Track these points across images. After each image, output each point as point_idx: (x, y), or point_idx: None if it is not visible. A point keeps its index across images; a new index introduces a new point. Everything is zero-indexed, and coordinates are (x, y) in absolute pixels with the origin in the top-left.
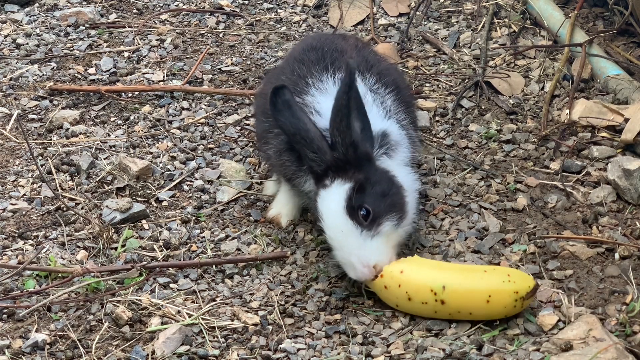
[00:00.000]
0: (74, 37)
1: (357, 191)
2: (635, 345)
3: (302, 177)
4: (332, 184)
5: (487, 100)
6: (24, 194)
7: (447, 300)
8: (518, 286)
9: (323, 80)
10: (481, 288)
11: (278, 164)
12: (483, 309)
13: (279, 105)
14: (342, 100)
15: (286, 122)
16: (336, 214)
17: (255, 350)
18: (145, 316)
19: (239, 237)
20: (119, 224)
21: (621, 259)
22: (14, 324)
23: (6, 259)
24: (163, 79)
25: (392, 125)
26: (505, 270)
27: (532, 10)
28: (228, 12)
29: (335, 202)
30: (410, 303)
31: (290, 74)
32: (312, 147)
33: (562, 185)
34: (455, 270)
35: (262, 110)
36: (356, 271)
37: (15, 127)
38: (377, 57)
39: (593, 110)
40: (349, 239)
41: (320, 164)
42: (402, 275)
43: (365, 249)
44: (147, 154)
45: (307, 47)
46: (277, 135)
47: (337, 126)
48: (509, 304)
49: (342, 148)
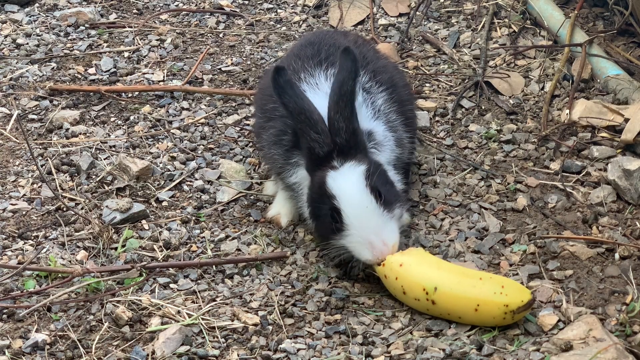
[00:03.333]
0: (74, 37)
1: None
2: (635, 345)
3: (289, 170)
4: (344, 166)
5: (487, 100)
6: (24, 194)
7: (437, 302)
8: (509, 299)
9: (315, 75)
10: (470, 296)
11: (268, 157)
12: (471, 315)
13: (282, 84)
14: (346, 86)
15: (290, 101)
16: (360, 193)
17: (255, 351)
18: (145, 316)
19: (239, 237)
20: (119, 224)
21: (621, 259)
22: (14, 324)
23: (6, 259)
24: (163, 79)
25: (379, 126)
26: (501, 281)
27: (532, 10)
28: (228, 12)
29: (354, 181)
30: (404, 296)
31: (287, 68)
32: (316, 128)
33: (562, 186)
34: (452, 272)
35: (259, 106)
36: (374, 249)
37: (15, 127)
38: (376, 54)
39: (593, 110)
40: (373, 217)
41: (323, 145)
42: (400, 268)
43: (386, 228)
44: (147, 154)
45: (306, 42)
46: (268, 129)
47: (340, 111)
48: (497, 315)
49: (345, 134)
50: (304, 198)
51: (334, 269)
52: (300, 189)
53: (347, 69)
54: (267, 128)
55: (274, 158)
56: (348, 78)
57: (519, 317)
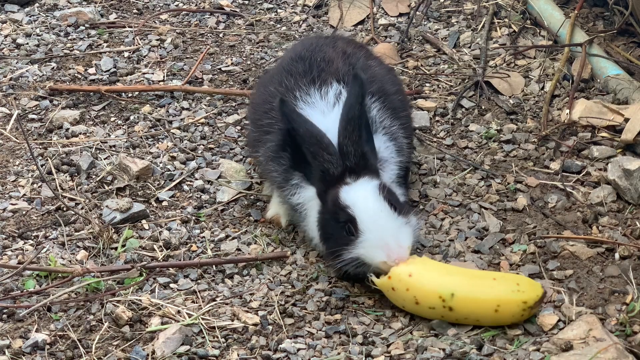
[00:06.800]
0: (74, 37)
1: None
2: (635, 345)
3: (290, 191)
4: (357, 181)
5: (487, 100)
6: (24, 194)
7: (455, 308)
8: (527, 296)
9: (310, 94)
10: (490, 297)
11: (266, 172)
12: (491, 317)
13: (289, 113)
14: (354, 111)
15: (300, 127)
16: (374, 200)
17: (255, 350)
18: (145, 316)
19: (239, 237)
20: (119, 224)
21: (621, 259)
22: (14, 324)
23: (6, 259)
24: (163, 79)
25: (379, 138)
26: (514, 279)
27: (532, 10)
28: (228, 12)
29: (369, 191)
30: (417, 306)
31: (279, 85)
32: (328, 150)
33: (562, 185)
34: (464, 276)
35: (252, 119)
36: (390, 250)
37: (15, 127)
38: (366, 63)
39: (593, 110)
40: (388, 220)
41: (337, 166)
42: (410, 279)
43: (402, 230)
44: (147, 154)
45: (296, 56)
46: (264, 142)
47: (349, 136)
48: (516, 313)
49: (354, 158)
50: (310, 219)
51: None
52: (304, 210)
53: (355, 93)
54: (264, 142)
55: (272, 175)
56: (355, 102)
57: (533, 312)
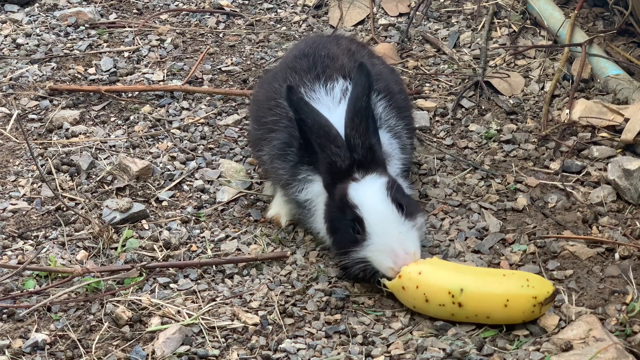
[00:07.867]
0: (74, 37)
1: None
2: (635, 345)
3: (297, 186)
4: (365, 178)
5: (487, 100)
6: (24, 194)
7: (465, 303)
8: (537, 291)
9: (315, 90)
10: (499, 292)
11: (271, 171)
12: (501, 313)
13: (297, 101)
14: (361, 102)
15: (308, 117)
16: (382, 202)
17: (255, 350)
18: (145, 316)
19: (239, 237)
20: (119, 224)
21: (621, 259)
22: (14, 324)
23: (6, 259)
24: (163, 79)
25: (384, 135)
26: (524, 275)
27: (532, 10)
28: (228, 12)
29: (377, 191)
30: (427, 305)
31: (283, 82)
32: (336, 142)
33: (562, 185)
34: (473, 273)
35: (255, 117)
36: (397, 257)
37: (15, 127)
38: (370, 61)
39: (593, 110)
40: (395, 225)
41: (345, 159)
42: (420, 276)
43: (408, 236)
44: (147, 154)
45: (299, 53)
46: (269, 141)
47: (356, 128)
48: (527, 309)
49: (361, 150)
50: (318, 214)
51: (334, 269)
52: (313, 206)
53: (362, 84)
54: (269, 140)
55: (278, 173)
56: (362, 94)
57: (545, 310)
